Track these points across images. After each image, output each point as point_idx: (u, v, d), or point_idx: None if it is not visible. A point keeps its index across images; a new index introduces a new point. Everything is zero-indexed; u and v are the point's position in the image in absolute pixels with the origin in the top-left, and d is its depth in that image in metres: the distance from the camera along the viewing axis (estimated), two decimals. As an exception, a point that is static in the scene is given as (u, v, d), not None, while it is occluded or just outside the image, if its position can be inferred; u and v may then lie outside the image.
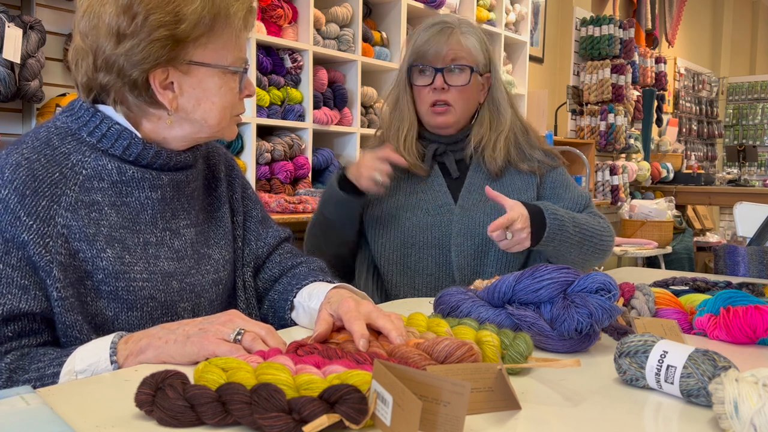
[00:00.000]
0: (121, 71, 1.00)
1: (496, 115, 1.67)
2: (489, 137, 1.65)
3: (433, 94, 1.62)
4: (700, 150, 8.76)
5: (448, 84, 1.60)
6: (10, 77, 2.28)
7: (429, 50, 1.60)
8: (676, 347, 0.81)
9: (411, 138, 1.66)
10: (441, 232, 1.60)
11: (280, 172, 3.23)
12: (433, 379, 0.64)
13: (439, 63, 1.60)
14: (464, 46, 1.61)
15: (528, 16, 4.93)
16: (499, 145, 1.64)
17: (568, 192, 1.66)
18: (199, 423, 0.69)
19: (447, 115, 1.63)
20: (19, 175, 0.96)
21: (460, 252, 1.59)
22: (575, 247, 1.53)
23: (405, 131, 1.66)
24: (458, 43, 1.61)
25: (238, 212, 1.25)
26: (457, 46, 1.61)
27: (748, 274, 2.08)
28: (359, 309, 0.94)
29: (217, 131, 1.09)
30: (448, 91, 1.61)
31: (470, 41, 1.62)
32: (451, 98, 1.61)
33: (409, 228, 1.62)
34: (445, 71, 1.60)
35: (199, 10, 1.00)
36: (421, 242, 1.61)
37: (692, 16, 8.36)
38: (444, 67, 1.60)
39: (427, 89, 1.62)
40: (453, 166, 1.67)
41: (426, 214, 1.62)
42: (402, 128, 1.66)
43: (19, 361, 0.92)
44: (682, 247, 5.48)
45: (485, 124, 1.66)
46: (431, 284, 1.61)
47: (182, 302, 1.09)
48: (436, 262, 1.60)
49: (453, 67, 1.60)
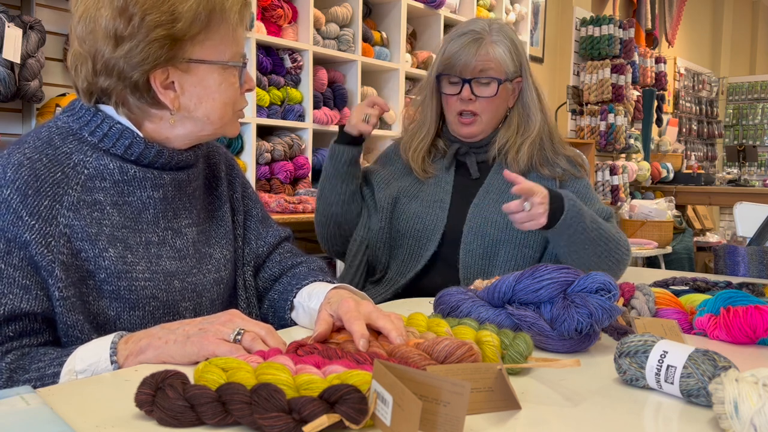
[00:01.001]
0: (122, 74, 1.00)
1: (524, 119, 1.68)
2: (514, 141, 1.66)
3: (460, 104, 1.64)
4: (700, 150, 8.76)
5: (476, 95, 1.62)
6: (10, 77, 2.28)
7: (458, 61, 1.62)
8: (676, 347, 0.81)
9: (423, 145, 1.70)
10: (426, 224, 1.62)
11: (280, 172, 3.23)
12: (433, 379, 0.64)
13: (467, 74, 1.62)
14: (493, 57, 1.62)
15: (528, 16, 4.93)
16: (524, 148, 1.65)
17: (588, 205, 1.61)
18: (199, 423, 0.69)
19: (473, 126, 1.66)
20: (21, 174, 0.96)
21: (468, 250, 1.58)
22: (590, 244, 1.49)
23: (421, 137, 1.70)
24: (486, 54, 1.62)
25: (239, 211, 1.25)
26: (486, 57, 1.62)
27: (748, 274, 2.08)
28: (359, 309, 0.94)
29: (220, 128, 1.09)
30: (475, 101, 1.63)
31: (499, 51, 1.63)
32: (479, 108, 1.64)
33: (399, 212, 1.66)
34: (473, 82, 1.62)
35: (194, 8, 1.00)
36: (405, 229, 1.64)
37: (692, 16, 8.36)
38: (472, 78, 1.62)
39: (455, 98, 1.64)
40: (474, 167, 1.69)
41: (419, 204, 1.65)
42: (419, 133, 1.71)
43: (20, 361, 0.92)
44: (682, 247, 5.47)
45: (512, 128, 1.67)
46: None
47: (184, 302, 1.09)
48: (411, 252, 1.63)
49: (481, 79, 1.62)
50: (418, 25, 4.17)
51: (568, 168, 1.68)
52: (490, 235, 1.58)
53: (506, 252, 1.57)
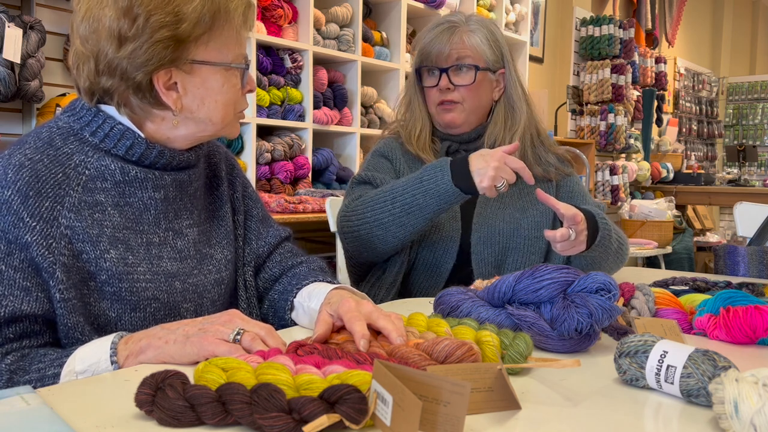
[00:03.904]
0: (125, 74, 1.00)
1: (510, 113, 1.65)
2: (504, 136, 1.63)
3: (440, 95, 1.61)
4: (700, 150, 8.76)
5: (454, 84, 1.60)
6: (10, 77, 2.28)
7: (432, 50, 1.60)
8: (676, 347, 0.81)
9: (425, 137, 1.66)
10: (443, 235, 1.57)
11: (280, 172, 3.23)
12: (433, 379, 0.64)
13: (442, 63, 1.60)
14: (468, 44, 1.60)
15: (528, 16, 4.93)
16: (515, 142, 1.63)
17: (587, 203, 1.63)
18: (199, 423, 0.69)
19: (454, 112, 1.62)
20: (22, 175, 0.96)
21: (479, 260, 1.55)
22: (612, 255, 1.51)
23: (418, 131, 1.66)
24: (461, 41, 1.59)
25: (239, 211, 1.25)
26: (461, 45, 1.59)
27: (748, 274, 2.08)
28: (360, 309, 0.94)
29: (221, 129, 1.10)
30: (454, 90, 1.60)
31: (475, 39, 1.60)
32: (458, 97, 1.61)
33: None
34: (450, 71, 1.59)
35: (199, 9, 1.00)
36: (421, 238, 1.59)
37: (692, 16, 8.36)
38: (448, 67, 1.59)
39: (435, 89, 1.62)
40: None
41: None
42: (416, 128, 1.66)
43: (20, 362, 0.92)
44: (682, 247, 5.48)
45: (500, 123, 1.64)
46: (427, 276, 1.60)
47: (185, 303, 1.09)
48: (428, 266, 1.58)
49: (458, 66, 1.59)
50: (418, 25, 4.17)
51: (559, 166, 1.67)
52: (498, 243, 1.56)
53: (514, 260, 1.56)
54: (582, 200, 1.64)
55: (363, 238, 1.50)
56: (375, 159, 1.70)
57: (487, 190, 1.39)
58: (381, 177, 1.61)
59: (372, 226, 1.48)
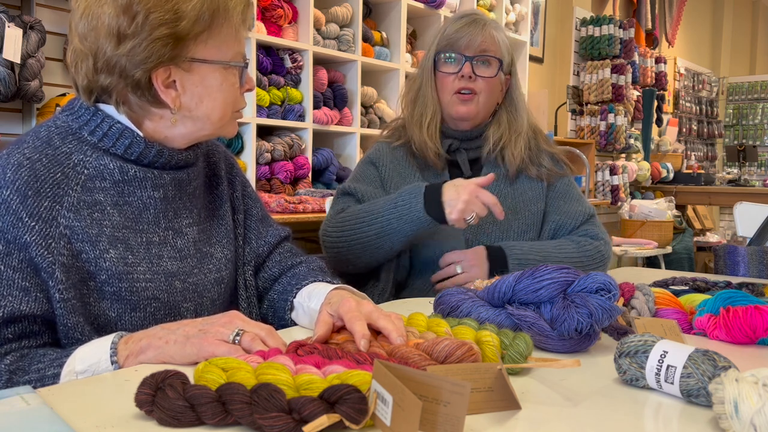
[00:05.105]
0: (123, 72, 1.00)
1: (514, 116, 1.69)
2: (509, 137, 1.66)
3: (459, 82, 1.62)
4: (700, 150, 8.76)
5: (476, 74, 1.61)
6: (10, 77, 2.28)
7: (461, 38, 1.62)
8: (676, 347, 0.81)
9: (435, 125, 1.66)
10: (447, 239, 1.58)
11: (280, 172, 3.23)
12: (433, 379, 0.64)
13: (469, 51, 1.61)
14: (496, 40, 1.64)
15: (528, 16, 4.93)
16: (519, 145, 1.65)
17: (568, 204, 1.66)
18: (199, 423, 0.69)
19: (471, 104, 1.63)
20: (21, 175, 0.96)
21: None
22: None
23: (429, 118, 1.65)
24: (491, 35, 1.63)
25: (239, 210, 1.25)
26: (490, 38, 1.63)
27: (748, 274, 2.08)
28: (360, 309, 0.94)
29: (219, 128, 1.09)
30: (474, 80, 1.62)
31: (501, 37, 1.65)
32: (477, 88, 1.62)
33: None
34: (475, 60, 1.61)
35: (198, 7, 1.00)
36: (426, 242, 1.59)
37: (692, 16, 8.36)
38: (474, 56, 1.61)
39: (453, 77, 1.63)
40: (466, 165, 1.67)
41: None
42: (426, 114, 1.65)
43: (19, 362, 0.91)
44: (682, 247, 5.47)
45: (503, 125, 1.67)
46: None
47: (185, 302, 1.09)
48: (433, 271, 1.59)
49: (484, 57, 1.62)
50: (418, 25, 4.17)
51: (551, 167, 1.69)
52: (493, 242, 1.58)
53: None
54: (563, 202, 1.66)
55: (343, 253, 1.56)
56: (362, 167, 1.72)
57: (456, 222, 1.42)
58: (363, 189, 1.63)
59: (351, 244, 1.53)
